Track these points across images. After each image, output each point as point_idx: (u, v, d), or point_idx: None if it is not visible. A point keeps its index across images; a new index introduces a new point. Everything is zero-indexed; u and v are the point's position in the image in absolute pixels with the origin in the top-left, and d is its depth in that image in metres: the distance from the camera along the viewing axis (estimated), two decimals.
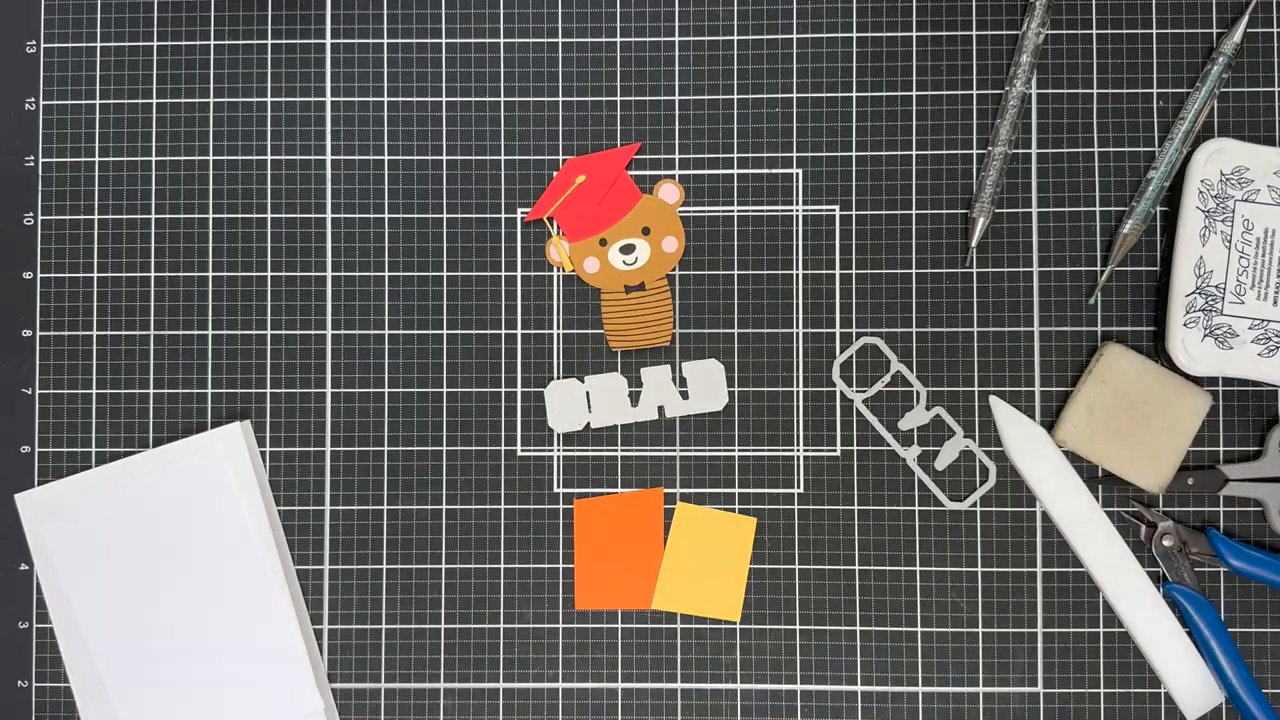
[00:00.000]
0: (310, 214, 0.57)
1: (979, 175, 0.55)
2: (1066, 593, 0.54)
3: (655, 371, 0.56)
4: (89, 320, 0.57)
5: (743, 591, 0.55)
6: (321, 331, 0.56)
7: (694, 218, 0.56)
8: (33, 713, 0.56)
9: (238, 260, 0.57)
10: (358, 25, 0.57)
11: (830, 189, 0.56)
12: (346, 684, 0.56)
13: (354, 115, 0.57)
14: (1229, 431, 0.55)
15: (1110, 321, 0.55)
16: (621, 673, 0.55)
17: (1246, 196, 0.52)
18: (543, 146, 0.56)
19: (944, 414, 0.55)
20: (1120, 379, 0.53)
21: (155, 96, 0.57)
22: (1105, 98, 0.55)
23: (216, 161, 0.57)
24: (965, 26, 0.56)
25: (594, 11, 0.56)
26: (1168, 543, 0.54)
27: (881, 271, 0.55)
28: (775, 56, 0.56)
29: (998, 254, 0.55)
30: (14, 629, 0.56)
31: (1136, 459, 0.53)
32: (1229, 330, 0.52)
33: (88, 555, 0.55)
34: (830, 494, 0.55)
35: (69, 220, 0.57)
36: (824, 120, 0.56)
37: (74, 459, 0.56)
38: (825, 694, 0.55)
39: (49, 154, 0.57)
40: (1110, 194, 0.55)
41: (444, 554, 0.56)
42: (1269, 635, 0.54)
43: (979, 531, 0.55)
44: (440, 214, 0.56)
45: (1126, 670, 0.54)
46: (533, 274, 0.56)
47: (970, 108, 0.56)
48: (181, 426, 0.56)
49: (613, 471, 0.56)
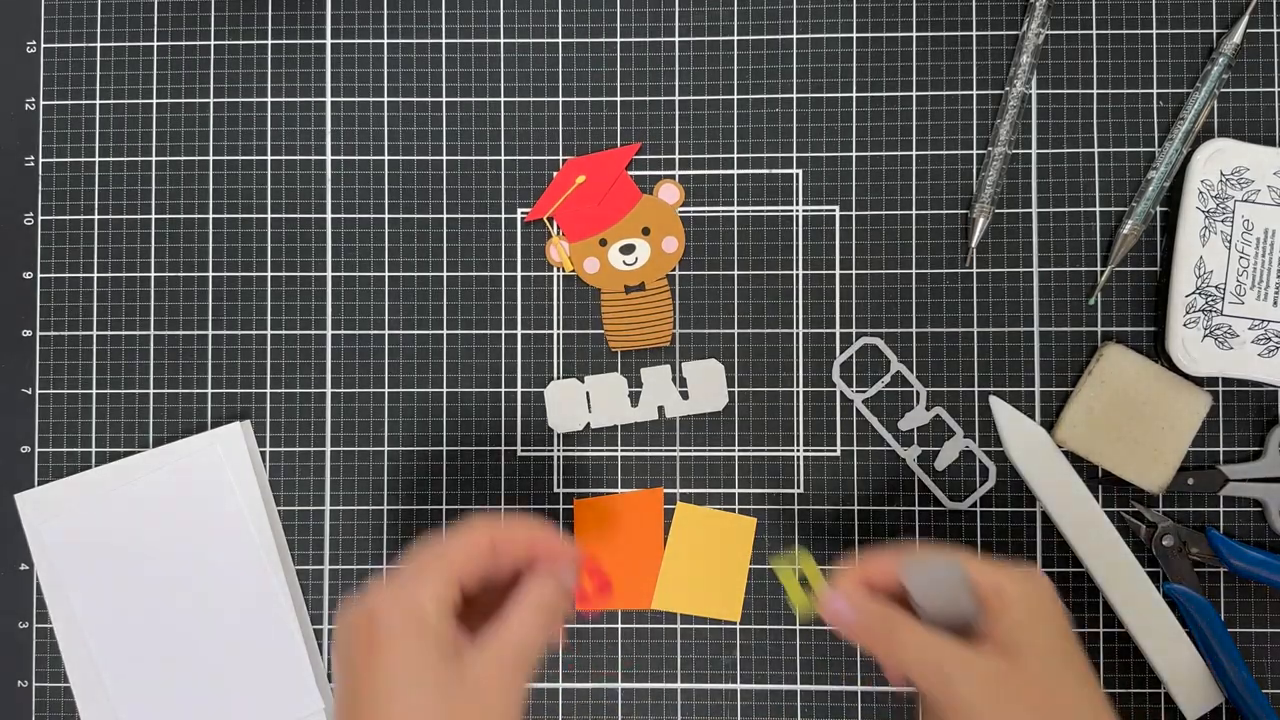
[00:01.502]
0: (310, 214, 0.57)
1: (979, 175, 0.55)
2: (1066, 593, 0.54)
3: (655, 371, 0.56)
4: (89, 320, 0.57)
5: (743, 591, 0.55)
6: (321, 331, 0.56)
7: (694, 218, 0.56)
8: (33, 713, 0.56)
9: (238, 260, 0.57)
10: (358, 25, 0.57)
11: (830, 189, 0.56)
12: None
13: (354, 115, 0.57)
14: (1229, 432, 0.55)
15: (1110, 322, 0.55)
16: (621, 673, 0.55)
17: (1246, 197, 0.52)
18: (543, 146, 0.56)
19: (944, 414, 0.55)
20: (1120, 379, 0.53)
21: (155, 96, 0.57)
22: (1105, 98, 0.55)
23: (216, 161, 0.57)
24: (965, 26, 0.56)
25: (594, 11, 0.56)
26: (1168, 543, 0.53)
27: (881, 271, 0.55)
28: (775, 56, 0.56)
29: (998, 254, 0.55)
30: (14, 629, 0.56)
31: (1136, 459, 0.53)
32: (1229, 330, 0.52)
33: (88, 555, 0.55)
34: (830, 494, 0.55)
35: (69, 220, 0.57)
36: (824, 120, 0.56)
37: (74, 459, 0.56)
38: (825, 694, 0.55)
39: (49, 154, 0.57)
40: (1110, 194, 0.55)
41: None
42: (1269, 635, 0.54)
43: (979, 532, 0.55)
44: (440, 214, 0.56)
45: (1126, 670, 0.54)
46: (533, 274, 0.56)
47: (970, 108, 0.56)
48: (181, 426, 0.56)
49: (613, 471, 0.56)
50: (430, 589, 0.40)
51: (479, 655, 0.40)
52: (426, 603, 0.39)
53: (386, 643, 0.39)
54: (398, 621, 0.39)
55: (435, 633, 0.39)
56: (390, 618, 0.39)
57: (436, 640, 0.39)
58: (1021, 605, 0.41)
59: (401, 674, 0.38)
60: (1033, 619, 0.41)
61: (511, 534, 0.43)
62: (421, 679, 0.38)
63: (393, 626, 0.39)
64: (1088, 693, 0.41)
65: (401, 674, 0.38)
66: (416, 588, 0.40)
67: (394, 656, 0.38)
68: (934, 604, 0.43)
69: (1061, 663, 0.41)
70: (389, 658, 0.38)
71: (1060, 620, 0.42)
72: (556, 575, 0.43)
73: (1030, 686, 0.40)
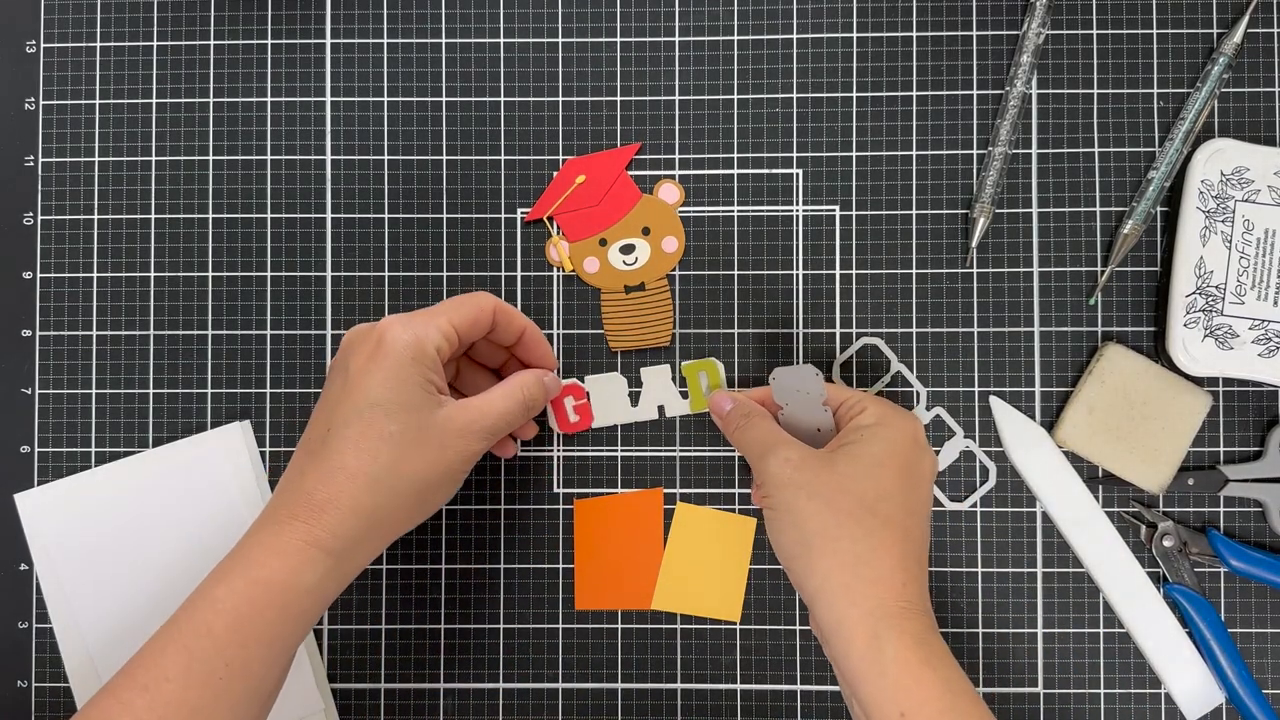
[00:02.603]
0: (310, 214, 0.57)
1: (979, 175, 0.55)
2: (1067, 593, 0.54)
3: (655, 371, 0.56)
4: (89, 320, 0.57)
5: (743, 591, 0.55)
6: (321, 331, 0.56)
7: (694, 218, 0.56)
8: (32, 713, 0.56)
9: (237, 260, 0.57)
10: (358, 25, 0.57)
11: (830, 189, 0.56)
12: (346, 684, 0.56)
13: (354, 115, 0.57)
14: (1229, 432, 0.55)
15: (1110, 321, 0.55)
16: (621, 673, 0.55)
17: (1247, 197, 0.52)
18: (543, 146, 0.56)
19: (944, 414, 0.55)
20: (1120, 379, 0.53)
21: (155, 96, 0.57)
22: (1105, 98, 0.55)
23: (216, 161, 0.57)
24: (965, 26, 0.56)
25: (594, 11, 0.56)
26: (1168, 543, 0.53)
27: (881, 271, 0.55)
28: (775, 56, 0.56)
29: (998, 254, 0.55)
30: (14, 629, 0.56)
31: (1137, 459, 0.53)
32: (1229, 331, 0.52)
33: (88, 555, 0.55)
34: None
35: (69, 220, 0.57)
36: (824, 120, 0.56)
37: (74, 459, 0.56)
38: (825, 694, 0.55)
39: (49, 154, 0.57)
40: (1110, 194, 0.55)
41: (444, 554, 0.56)
42: (1269, 636, 0.54)
43: (979, 532, 0.55)
44: (440, 214, 0.56)
45: (1127, 671, 0.54)
46: (533, 274, 0.56)
47: (970, 108, 0.56)
48: (181, 426, 0.56)
49: (613, 471, 0.56)
50: (435, 327, 0.45)
51: (456, 409, 0.45)
52: (430, 336, 0.45)
53: (386, 357, 0.44)
54: (402, 344, 0.44)
55: (430, 364, 0.45)
56: (397, 339, 0.44)
57: (427, 373, 0.44)
58: (871, 423, 0.46)
59: (390, 385, 0.44)
60: (873, 436, 0.45)
61: (512, 313, 0.49)
62: (402, 398, 0.44)
63: (396, 345, 0.44)
64: (895, 514, 0.44)
65: (390, 385, 0.44)
66: (425, 322, 0.45)
67: (388, 369, 0.44)
68: (792, 405, 0.50)
69: (878, 474, 0.44)
70: (384, 368, 0.44)
71: (905, 451, 0.45)
72: (542, 377, 0.49)
73: (828, 476, 0.44)
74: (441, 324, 0.45)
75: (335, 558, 0.43)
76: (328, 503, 0.43)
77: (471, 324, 0.47)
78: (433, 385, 0.45)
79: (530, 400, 0.48)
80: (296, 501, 0.43)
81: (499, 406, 0.46)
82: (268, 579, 0.42)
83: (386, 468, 0.43)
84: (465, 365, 0.52)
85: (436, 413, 0.44)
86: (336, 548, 0.43)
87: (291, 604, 0.42)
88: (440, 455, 0.44)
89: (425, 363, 0.44)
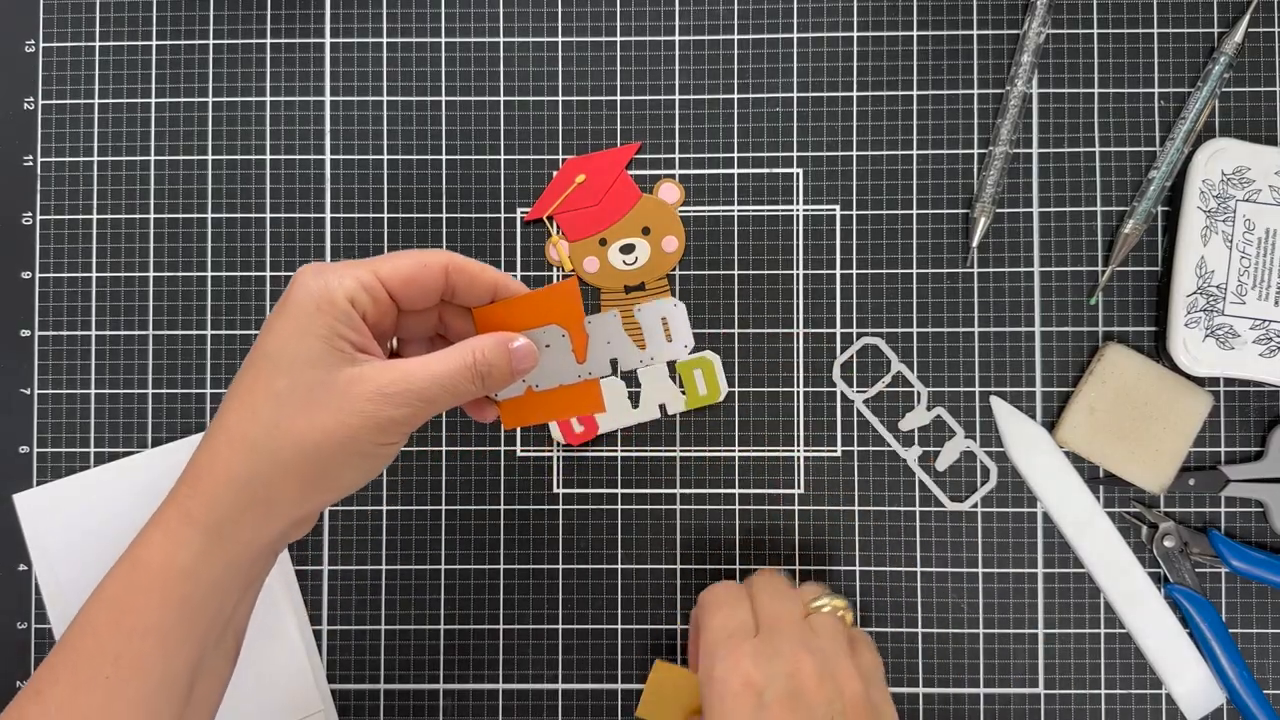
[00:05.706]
0: (310, 214, 0.57)
1: (980, 175, 0.55)
2: (1067, 593, 0.54)
3: (655, 371, 0.56)
4: (88, 320, 0.57)
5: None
6: None
7: (694, 218, 0.56)
8: None
9: (237, 260, 0.57)
10: (357, 25, 0.57)
11: (830, 189, 0.56)
12: (346, 684, 0.55)
13: (354, 115, 0.57)
14: (1230, 432, 0.54)
15: (1111, 321, 0.55)
16: (621, 673, 0.55)
17: (1248, 196, 0.52)
18: (543, 146, 0.56)
19: (945, 414, 0.55)
20: (1121, 379, 0.53)
21: (155, 96, 0.57)
22: (1106, 97, 0.55)
23: (216, 161, 0.57)
24: (966, 26, 0.56)
25: (594, 11, 0.56)
26: (1169, 543, 0.53)
27: (882, 271, 0.55)
28: (775, 56, 0.56)
29: (999, 254, 0.55)
30: (14, 629, 0.56)
31: (1137, 459, 0.53)
32: (1230, 330, 0.52)
33: (88, 555, 0.55)
34: (830, 494, 0.55)
35: (67, 220, 0.57)
36: (824, 120, 0.56)
37: (73, 459, 0.56)
38: None
39: (47, 153, 0.57)
40: (1111, 194, 0.55)
41: (443, 554, 0.56)
42: (1270, 636, 0.54)
43: (980, 532, 0.55)
44: (440, 214, 0.56)
45: (1127, 671, 0.54)
46: (533, 274, 0.56)
47: (971, 107, 0.56)
48: (181, 426, 0.56)
49: (612, 471, 0.56)
50: (354, 276, 0.39)
51: (373, 369, 0.39)
52: (343, 285, 0.39)
53: (289, 309, 0.39)
54: (309, 294, 0.39)
55: (339, 316, 0.39)
56: (303, 286, 0.39)
57: (334, 324, 0.38)
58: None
59: (285, 335, 0.38)
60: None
61: (475, 273, 0.42)
62: (296, 351, 0.38)
63: (302, 296, 0.39)
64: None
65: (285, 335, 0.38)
66: (343, 271, 0.40)
67: (285, 317, 0.39)
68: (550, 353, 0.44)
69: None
70: (281, 316, 0.39)
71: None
72: (507, 341, 0.41)
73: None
74: (362, 274, 0.39)
75: (209, 535, 0.38)
76: (203, 470, 0.38)
77: (406, 280, 0.40)
78: (344, 340, 0.39)
79: (484, 366, 0.40)
80: (185, 469, 0.39)
81: (435, 369, 0.39)
82: (147, 559, 0.38)
83: (266, 429, 0.38)
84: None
85: (341, 370, 0.38)
86: (210, 522, 0.38)
87: (171, 588, 0.38)
88: (336, 419, 0.37)
89: (332, 313, 0.38)
